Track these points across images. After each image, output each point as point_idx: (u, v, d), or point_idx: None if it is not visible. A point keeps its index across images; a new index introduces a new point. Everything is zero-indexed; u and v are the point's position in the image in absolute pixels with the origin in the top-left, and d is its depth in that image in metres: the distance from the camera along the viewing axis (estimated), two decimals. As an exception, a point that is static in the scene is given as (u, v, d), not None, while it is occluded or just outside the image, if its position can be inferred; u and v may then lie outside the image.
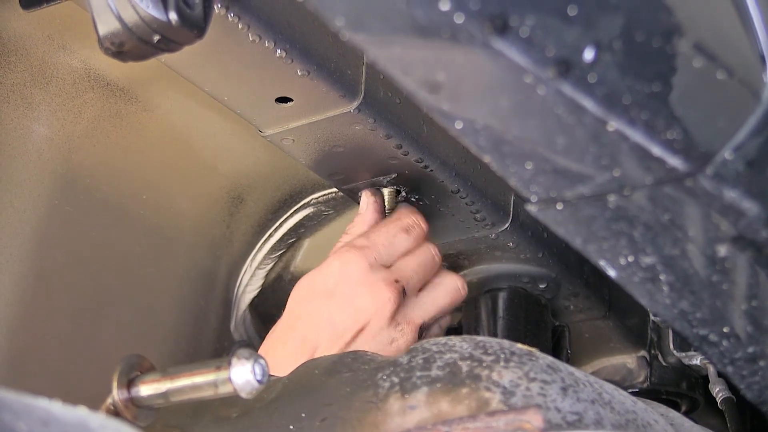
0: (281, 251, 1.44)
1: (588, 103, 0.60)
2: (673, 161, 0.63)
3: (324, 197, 1.39)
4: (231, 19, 0.90)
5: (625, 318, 1.38)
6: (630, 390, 1.38)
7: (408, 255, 1.16)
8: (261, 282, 1.45)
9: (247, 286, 1.45)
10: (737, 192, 0.66)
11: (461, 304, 1.21)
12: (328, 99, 1.01)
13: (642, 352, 1.42)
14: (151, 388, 0.79)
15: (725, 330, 0.78)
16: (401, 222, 1.17)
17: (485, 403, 0.76)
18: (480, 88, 0.61)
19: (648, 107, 0.61)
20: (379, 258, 1.14)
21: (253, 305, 1.47)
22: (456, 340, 0.85)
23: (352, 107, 1.02)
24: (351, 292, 1.12)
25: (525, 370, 0.79)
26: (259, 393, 0.76)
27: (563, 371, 0.81)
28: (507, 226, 1.21)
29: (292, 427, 0.81)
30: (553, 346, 1.31)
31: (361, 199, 1.19)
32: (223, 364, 0.75)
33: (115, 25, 0.77)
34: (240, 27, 0.91)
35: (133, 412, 0.79)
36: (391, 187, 1.16)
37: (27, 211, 1.19)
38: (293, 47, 0.95)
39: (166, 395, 0.78)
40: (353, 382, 0.83)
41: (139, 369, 0.80)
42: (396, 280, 1.13)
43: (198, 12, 0.79)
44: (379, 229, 1.17)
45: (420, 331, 1.13)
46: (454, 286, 1.19)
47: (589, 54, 0.59)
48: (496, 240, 1.22)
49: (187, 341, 1.38)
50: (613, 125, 0.61)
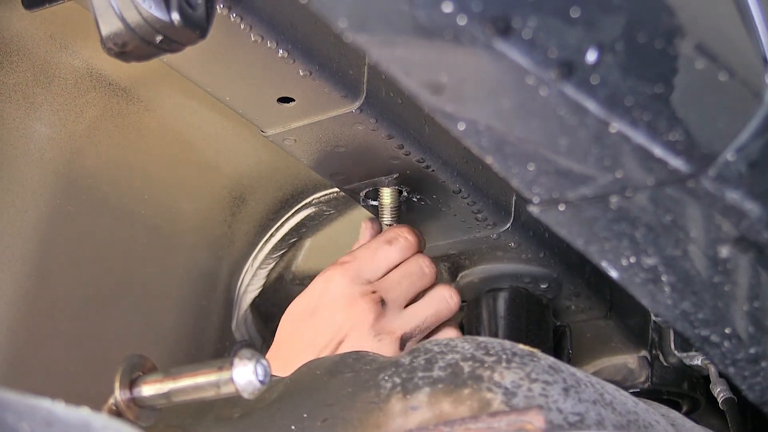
0: (283, 251, 1.44)
1: (590, 105, 0.60)
2: (676, 162, 0.63)
3: (325, 197, 1.39)
4: (233, 19, 0.90)
5: (626, 318, 1.38)
6: (631, 390, 1.38)
7: (394, 268, 1.16)
8: (262, 282, 1.45)
9: (249, 285, 1.45)
10: (739, 193, 0.66)
11: (452, 314, 1.18)
12: (330, 99, 1.01)
13: (643, 353, 1.41)
14: (154, 389, 0.79)
15: (727, 331, 0.78)
16: (385, 235, 1.17)
17: (487, 404, 0.77)
18: (482, 89, 0.61)
19: (650, 109, 0.61)
20: (360, 272, 1.14)
21: (254, 305, 1.47)
22: (458, 341, 0.85)
23: (354, 107, 1.02)
24: (330, 308, 1.12)
25: (527, 371, 0.79)
26: (261, 393, 0.76)
27: (565, 372, 0.81)
28: (508, 226, 1.21)
29: (293, 427, 0.81)
30: (554, 346, 1.31)
31: (361, 228, 1.21)
32: (225, 364, 0.75)
33: (118, 26, 0.77)
34: (242, 27, 0.91)
35: (136, 412, 0.79)
36: (392, 187, 1.16)
37: (29, 210, 1.19)
38: (295, 47, 0.95)
39: (168, 395, 0.78)
40: (355, 382, 0.83)
41: (141, 369, 0.80)
42: (374, 291, 1.13)
43: (200, 12, 0.79)
44: (364, 245, 1.17)
45: (403, 343, 1.12)
46: (440, 296, 1.17)
47: (591, 56, 0.59)
48: (497, 240, 1.22)
49: (189, 341, 1.38)
50: (616, 127, 0.61)
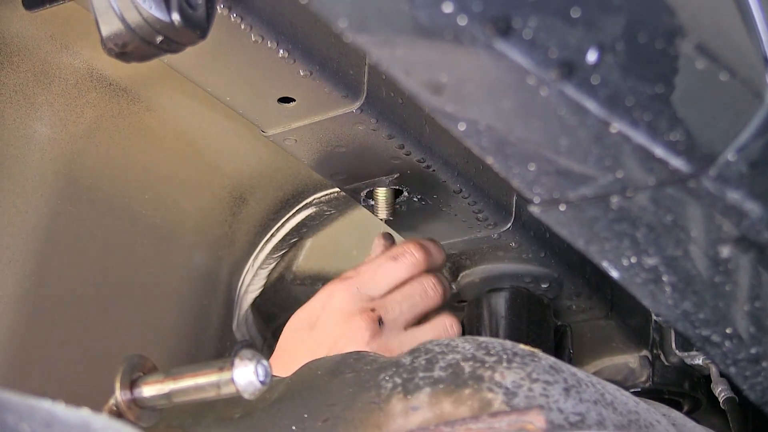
0: (283, 251, 1.44)
1: (591, 105, 0.60)
2: (676, 163, 0.63)
3: (326, 197, 1.39)
4: (234, 19, 0.90)
5: (627, 318, 1.38)
6: (632, 390, 1.38)
7: (401, 285, 1.16)
8: (263, 282, 1.45)
9: (250, 285, 1.45)
10: (740, 193, 0.66)
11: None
12: (330, 99, 1.01)
13: (644, 352, 1.41)
14: (154, 389, 0.79)
15: (728, 331, 0.78)
16: (392, 251, 1.18)
17: (488, 404, 0.76)
18: (483, 89, 0.61)
19: (651, 109, 0.61)
20: (363, 287, 1.14)
21: (255, 305, 1.47)
22: (458, 341, 0.85)
23: (354, 107, 1.02)
24: (329, 322, 1.13)
25: (527, 371, 0.79)
26: (262, 394, 0.76)
27: (566, 372, 0.81)
28: (509, 226, 1.21)
29: (294, 427, 0.81)
30: (555, 346, 1.31)
31: (373, 243, 1.22)
32: (226, 364, 0.75)
33: (118, 26, 0.77)
34: (243, 28, 0.91)
35: (136, 412, 0.79)
36: (387, 188, 1.15)
37: (29, 211, 1.19)
38: (296, 48, 0.95)
39: (168, 396, 0.78)
40: (356, 382, 0.83)
41: (142, 370, 0.80)
42: (372, 309, 1.13)
43: (201, 13, 0.79)
44: (369, 260, 1.17)
45: None
46: (441, 325, 1.17)
47: (592, 56, 0.59)
48: (498, 240, 1.22)
49: (189, 341, 1.38)
50: (616, 127, 0.61)
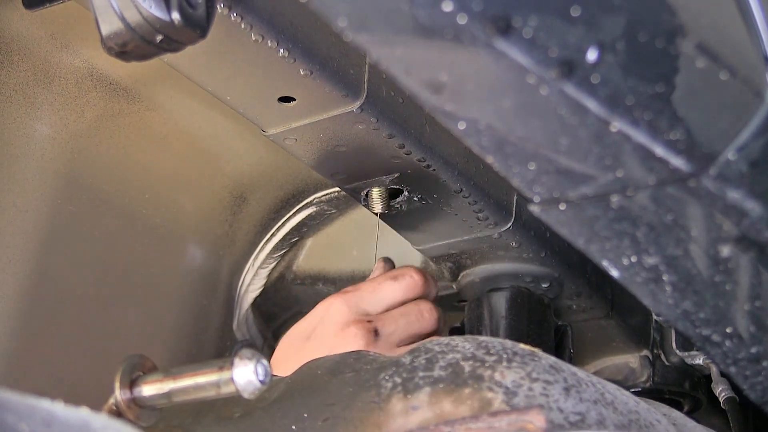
0: (284, 250, 1.44)
1: (591, 104, 0.60)
2: (676, 162, 0.63)
3: (326, 196, 1.39)
4: (234, 18, 0.90)
5: (627, 317, 1.38)
6: (633, 389, 1.38)
7: (395, 306, 1.17)
8: (263, 281, 1.45)
9: (250, 285, 1.45)
10: (740, 192, 0.66)
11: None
12: (330, 98, 1.01)
13: (645, 352, 1.41)
14: (154, 389, 0.79)
15: (728, 330, 0.77)
16: (391, 272, 1.19)
17: (488, 404, 0.76)
18: (483, 88, 0.61)
19: (651, 108, 0.61)
20: (360, 302, 1.15)
21: (255, 305, 1.47)
22: (458, 340, 0.85)
23: (354, 107, 1.02)
24: (325, 333, 1.13)
25: (527, 371, 0.79)
26: (262, 393, 0.76)
27: (566, 371, 0.81)
28: (510, 225, 1.20)
29: (294, 427, 0.81)
30: (555, 345, 1.31)
31: (375, 265, 1.23)
32: (226, 364, 0.75)
33: (118, 25, 0.77)
34: (243, 27, 0.91)
35: (136, 412, 0.79)
36: (380, 188, 1.15)
37: (29, 210, 1.19)
38: (296, 47, 0.95)
39: (168, 395, 0.78)
40: (356, 382, 0.83)
41: (142, 369, 0.80)
42: (369, 321, 1.13)
43: (201, 12, 0.79)
44: (369, 280, 1.18)
45: None
46: None
47: (592, 55, 0.59)
48: (498, 239, 1.22)
49: (190, 341, 1.38)
50: (616, 126, 0.61)
